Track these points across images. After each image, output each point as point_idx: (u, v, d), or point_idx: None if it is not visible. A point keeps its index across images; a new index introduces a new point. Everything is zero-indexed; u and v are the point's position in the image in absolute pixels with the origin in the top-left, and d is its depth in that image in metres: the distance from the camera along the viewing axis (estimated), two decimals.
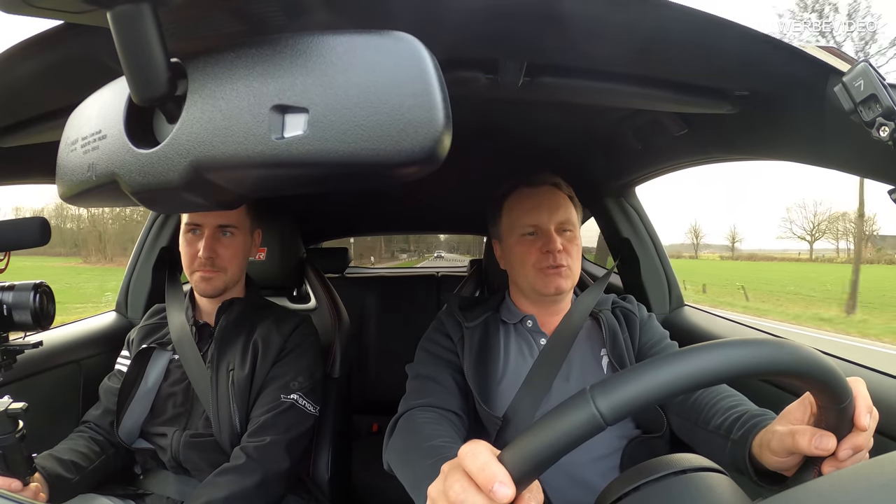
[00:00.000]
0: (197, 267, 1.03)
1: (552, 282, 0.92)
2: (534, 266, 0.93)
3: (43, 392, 1.09)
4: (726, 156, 0.98)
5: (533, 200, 0.95)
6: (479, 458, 0.38)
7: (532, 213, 0.94)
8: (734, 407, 0.72)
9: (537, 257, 0.92)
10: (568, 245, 0.93)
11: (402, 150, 0.28)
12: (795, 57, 0.57)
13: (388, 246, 28.88)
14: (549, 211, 0.94)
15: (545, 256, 0.92)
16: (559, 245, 0.91)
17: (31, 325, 0.72)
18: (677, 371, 0.36)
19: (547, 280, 0.92)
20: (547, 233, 0.93)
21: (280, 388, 1.02)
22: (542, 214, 0.94)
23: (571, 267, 0.93)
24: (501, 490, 0.36)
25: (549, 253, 0.91)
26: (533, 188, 0.97)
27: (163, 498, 0.99)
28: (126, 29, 0.31)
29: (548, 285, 0.92)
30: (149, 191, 0.34)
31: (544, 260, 0.92)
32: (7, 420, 0.70)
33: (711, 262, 37.44)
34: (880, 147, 0.51)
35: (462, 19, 0.53)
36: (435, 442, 0.72)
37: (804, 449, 0.48)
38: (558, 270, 0.92)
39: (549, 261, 0.91)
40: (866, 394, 0.48)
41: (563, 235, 0.93)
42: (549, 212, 0.94)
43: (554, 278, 0.92)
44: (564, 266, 0.92)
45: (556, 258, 0.91)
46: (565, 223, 0.94)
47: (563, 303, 0.99)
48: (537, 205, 0.95)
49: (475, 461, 0.38)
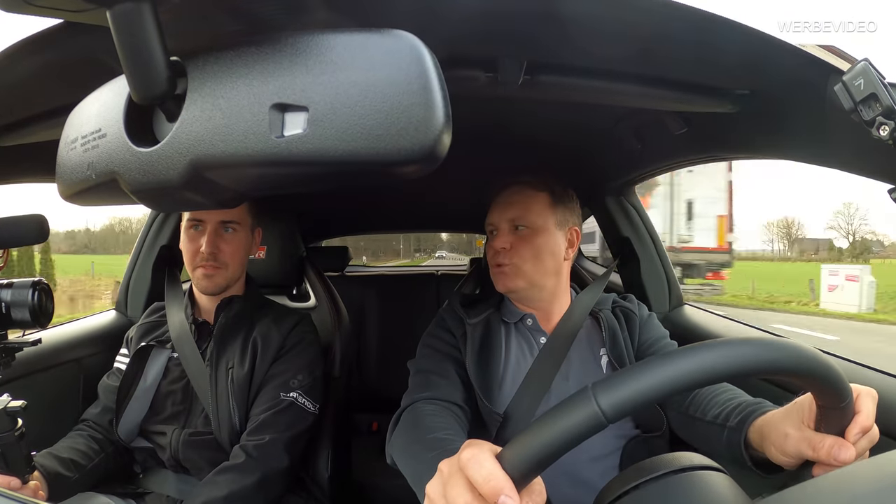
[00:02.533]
0: (199, 262, 1.03)
1: (498, 280, 0.95)
2: (490, 264, 0.97)
3: (42, 390, 1.09)
4: (726, 155, 0.98)
5: (498, 199, 0.98)
6: (484, 466, 0.37)
7: (491, 211, 0.98)
8: (731, 399, 0.73)
9: (491, 255, 0.96)
10: (518, 243, 0.93)
11: (402, 149, 0.28)
12: (796, 56, 0.57)
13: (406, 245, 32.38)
14: (501, 208, 0.96)
15: (493, 256, 0.95)
16: (502, 243, 0.93)
17: (30, 323, 0.72)
18: (679, 369, 0.36)
19: (496, 279, 0.96)
20: (498, 230, 0.96)
21: (279, 386, 1.02)
22: (496, 212, 0.97)
23: (519, 265, 0.93)
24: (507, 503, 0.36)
25: (495, 253, 0.94)
26: (505, 188, 0.99)
27: (162, 496, 0.99)
28: (126, 27, 0.31)
29: (496, 284, 0.96)
30: (149, 189, 0.34)
31: (493, 258, 0.95)
32: (6, 418, 0.70)
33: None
34: (880, 146, 0.51)
35: (462, 18, 0.53)
36: (438, 434, 0.72)
37: (822, 460, 0.48)
38: (500, 269, 0.94)
39: (496, 259, 0.94)
40: (869, 411, 0.47)
41: (515, 233, 0.94)
42: (501, 209, 0.96)
43: (498, 276, 0.95)
44: (506, 264, 0.93)
45: (496, 256, 0.94)
46: (516, 219, 0.95)
47: (561, 301, 0.99)
48: (495, 204, 0.98)
49: (480, 470, 0.37)
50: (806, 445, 0.50)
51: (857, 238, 24.88)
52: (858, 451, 0.47)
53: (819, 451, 0.48)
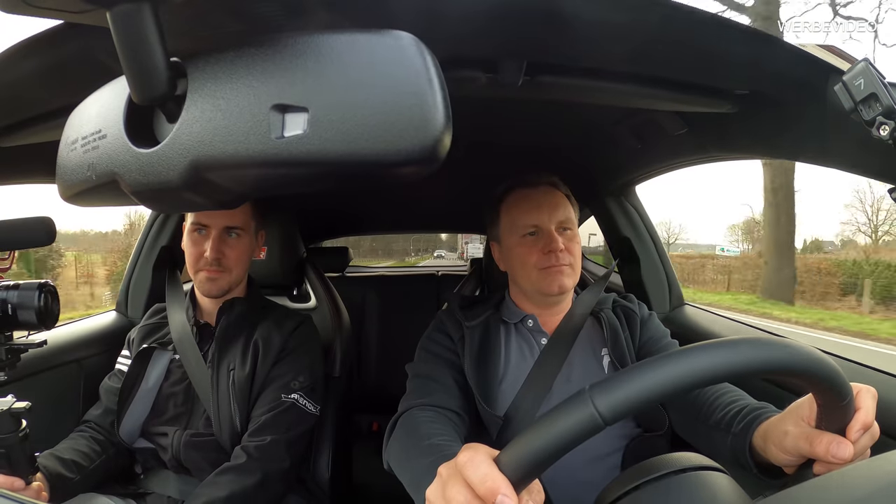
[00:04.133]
0: (202, 266, 1.03)
1: (555, 280, 0.91)
2: (536, 266, 0.93)
3: (43, 391, 1.09)
4: (726, 155, 0.98)
5: (532, 201, 0.95)
6: (481, 468, 0.38)
7: (532, 213, 0.94)
8: (734, 402, 0.72)
9: (539, 258, 0.92)
10: (569, 244, 0.93)
11: (402, 150, 0.28)
12: (795, 56, 0.57)
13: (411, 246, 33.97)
14: (549, 210, 0.94)
15: (547, 257, 0.91)
16: (561, 244, 0.91)
17: (36, 325, 0.72)
18: (676, 371, 0.36)
19: (550, 279, 0.92)
20: (548, 233, 0.93)
21: (281, 387, 1.02)
22: (543, 214, 0.93)
23: (574, 265, 0.93)
24: (505, 502, 0.36)
25: (551, 253, 0.91)
26: (531, 188, 0.96)
27: (163, 497, 0.99)
28: (126, 28, 0.31)
29: (551, 284, 0.92)
30: (149, 190, 0.34)
31: (546, 260, 0.92)
32: (10, 419, 0.70)
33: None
34: (880, 146, 0.51)
35: (462, 18, 0.53)
36: (434, 440, 0.71)
37: (821, 456, 0.48)
38: (561, 269, 0.91)
39: (552, 260, 0.91)
40: (869, 408, 0.47)
41: (563, 234, 0.93)
42: (549, 211, 0.93)
43: (557, 276, 0.91)
44: (567, 265, 0.92)
45: (559, 258, 0.91)
46: (565, 222, 0.94)
47: (564, 302, 0.98)
48: (537, 205, 0.94)
49: (476, 472, 0.38)
50: (805, 442, 0.50)
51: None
52: (860, 448, 0.47)
53: (817, 447, 0.48)
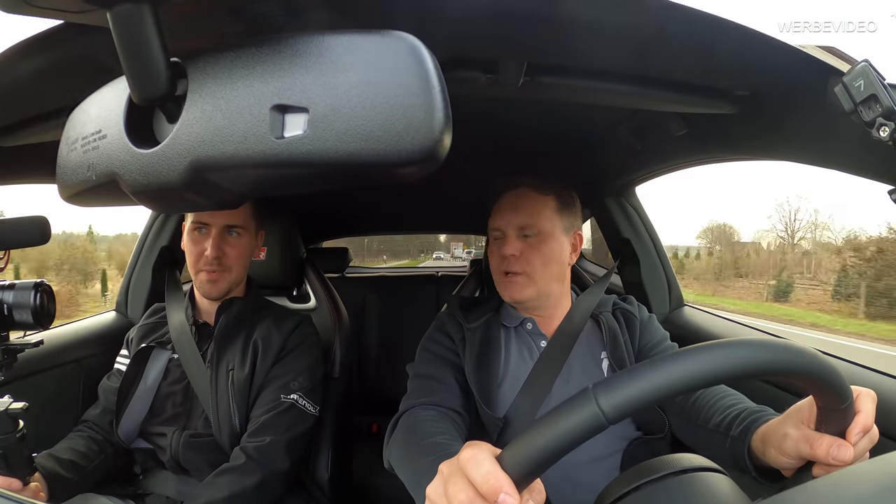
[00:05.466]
0: (202, 266, 1.03)
1: (506, 290, 0.92)
2: (496, 270, 0.94)
3: (42, 392, 1.09)
4: (726, 156, 0.98)
5: (502, 203, 0.95)
6: (483, 465, 0.38)
7: (497, 215, 0.95)
8: (733, 405, 0.72)
9: (498, 262, 0.93)
10: (528, 250, 0.90)
11: (402, 150, 0.28)
12: (795, 57, 0.57)
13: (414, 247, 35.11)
14: (509, 214, 0.93)
15: (502, 262, 0.92)
16: (512, 250, 0.90)
17: (32, 325, 0.72)
18: (680, 370, 0.36)
19: (503, 288, 0.93)
20: (505, 236, 0.92)
21: (280, 388, 1.02)
22: (504, 217, 0.93)
23: (530, 274, 0.90)
24: (507, 501, 0.36)
25: (503, 259, 0.91)
26: (510, 190, 0.96)
27: (162, 498, 0.99)
28: (126, 28, 0.31)
29: (504, 293, 0.93)
30: (149, 190, 0.34)
31: (501, 265, 0.92)
32: (8, 420, 0.70)
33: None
34: (880, 147, 0.51)
35: (462, 19, 0.53)
36: (436, 439, 0.71)
37: (821, 458, 0.48)
38: (511, 278, 0.91)
39: (503, 266, 0.91)
40: (869, 411, 0.47)
41: (524, 241, 0.91)
42: (509, 215, 0.93)
43: (507, 286, 0.92)
44: (519, 273, 0.90)
45: (508, 263, 0.91)
46: (525, 227, 0.91)
47: (562, 304, 0.98)
48: (502, 207, 0.95)
49: (479, 469, 0.38)
50: (805, 444, 0.50)
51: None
52: (859, 451, 0.47)
53: (818, 449, 0.48)
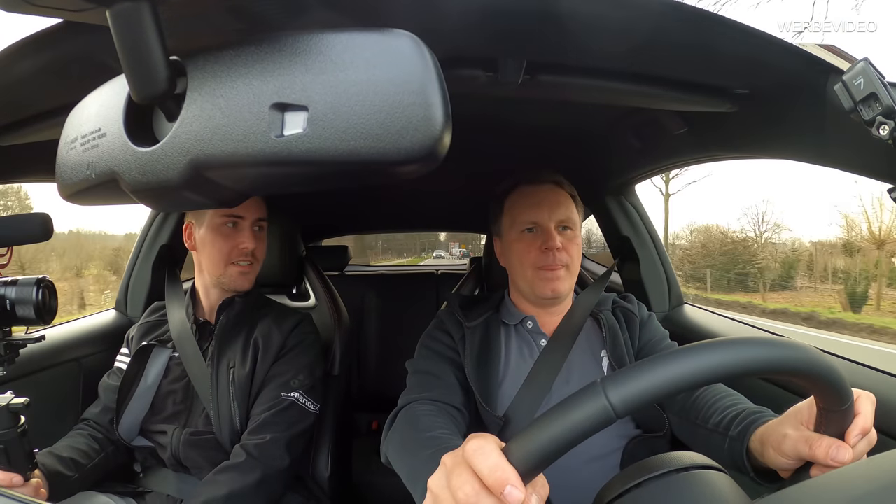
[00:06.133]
0: (236, 258, 1.04)
1: (548, 285, 0.91)
2: (533, 265, 0.92)
3: (43, 390, 1.09)
4: (726, 154, 0.98)
5: (534, 197, 0.95)
6: (490, 457, 0.37)
7: (532, 209, 0.94)
8: (733, 405, 0.72)
9: (536, 255, 0.92)
10: (568, 244, 0.92)
11: (402, 148, 0.28)
12: (795, 55, 0.57)
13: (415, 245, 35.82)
14: (549, 208, 0.93)
15: (544, 255, 0.91)
16: (558, 243, 0.90)
17: (34, 320, 0.72)
18: (687, 365, 0.36)
19: (544, 283, 0.92)
20: (546, 230, 0.92)
21: (280, 386, 1.02)
22: (543, 211, 0.93)
23: (570, 267, 0.92)
24: (513, 494, 0.35)
25: (548, 251, 0.91)
26: (534, 185, 0.96)
27: (163, 496, 0.99)
28: (125, 27, 0.31)
29: (544, 288, 0.92)
30: (148, 189, 0.34)
31: (543, 259, 0.91)
32: (9, 415, 0.71)
33: None
34: (880, 146, 0.51)
35: (462, 17, 0.53)
36: (434, 433, 0.71)
37: (820, 459, 0.48)
38: (556, 273, 0.91)
39: (549, 259, 0.91)
40: (868, 413, 0.47)
41: (563, 234, 0.93)
42: (549, 209, 0.93)
43: (551, 281, 0.91)
44: (562, 267, 0.91)
45: (555, 257, 0.90)
46: (566, 221, 0.94)
47: (563, 303, 0.98)
48: (538, 202, 0.94)
49: (486, 461, 0.37)
50: (804, 445, 0.50)
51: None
52: (857, 453, 0.47)
53: (817, 450, 0.48)
